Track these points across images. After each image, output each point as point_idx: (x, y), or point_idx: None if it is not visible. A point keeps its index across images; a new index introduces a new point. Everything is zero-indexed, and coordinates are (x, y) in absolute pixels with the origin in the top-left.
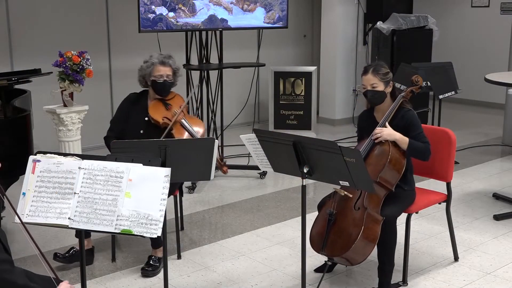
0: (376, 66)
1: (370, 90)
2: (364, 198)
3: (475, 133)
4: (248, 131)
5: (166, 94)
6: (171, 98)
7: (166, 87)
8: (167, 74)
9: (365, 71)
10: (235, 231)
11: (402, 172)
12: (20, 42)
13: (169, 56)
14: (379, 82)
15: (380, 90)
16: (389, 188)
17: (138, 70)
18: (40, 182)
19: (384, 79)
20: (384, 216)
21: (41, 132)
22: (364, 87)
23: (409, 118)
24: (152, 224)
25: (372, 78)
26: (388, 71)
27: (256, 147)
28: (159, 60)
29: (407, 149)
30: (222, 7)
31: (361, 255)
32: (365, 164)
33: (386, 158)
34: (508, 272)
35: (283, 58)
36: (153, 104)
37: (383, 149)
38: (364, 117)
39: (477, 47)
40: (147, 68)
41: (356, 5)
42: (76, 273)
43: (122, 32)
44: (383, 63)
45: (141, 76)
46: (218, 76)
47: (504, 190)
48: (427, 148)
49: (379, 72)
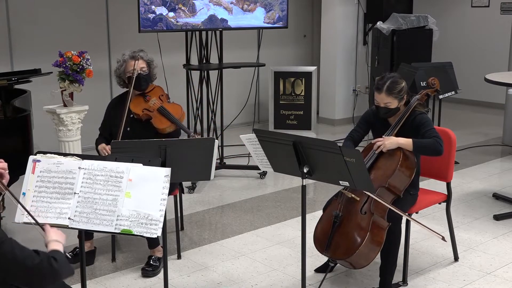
0: (390, 84)
1: (383, 107)
2: (371, 203)
3: (475, 133)
4: (248, 131)
5: (144, 87)
6: (150, 90)
7: (142, 80)
8: (141, 67)
9: (378, 89)
10: (235, 231)
11: (412, 178)
12: (20, 42)
13: (140, 50)
14: (393, 100)
15: (393, 107)
16: (397, 194)
17: (114, 72)
18: (40, 182)
19: (398, 96)
20: (390, 221)
21: (41, 132)
22: (377, 103)
23: (419, 120)
24: (152, 224)
25: (385, 97)
26: (402, 86)
27: (256, 147)
28: (129, 56)
29: (413, 149)
30: (222, 7)
31: (365, 259)
32: (375, 168)
33: (397, 163)
34: (508, 272)
35: (283, 58)
36: (133, 100)
37: (394, 153)
38: (376, 115)
39: (477, 47)
40: (120, 67)
41: (356, 5)
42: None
43: (122, 32)
44: (397, 78)
45: (118, 77)
46: (218, 76)
47: (504, 190)
48: (435, 142)
49: (393, 91)
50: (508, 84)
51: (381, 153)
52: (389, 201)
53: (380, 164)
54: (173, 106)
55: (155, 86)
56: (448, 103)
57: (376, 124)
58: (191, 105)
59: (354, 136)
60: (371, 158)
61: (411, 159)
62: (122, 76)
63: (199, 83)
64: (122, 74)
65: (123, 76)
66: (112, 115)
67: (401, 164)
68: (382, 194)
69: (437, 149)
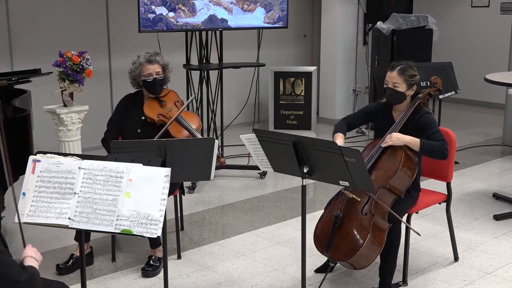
0: (404, 65)
1: (391, 88)
2: (372, 204)
3: (475, 133)
4: (248, 131)
5: (159, 92)
6: (165, 95)
7: (157, 85)
8: (156, 71)
9: (392, 68)
10: (235, 231)
11: (413, 178)
12: (20, 42)
13: (155, 53)
14: (402, 83)
15: (400, 91)
16: (398, 194)
17: (128, 72)
18: (40, 182)
19: (408, 81)
20: (390, 222)
21: (41, 132)
22: (386, 83)
23: (424, 120)
24: (152, 224)
25: (396, 76)
26: (415, 74)
27: (256, 147)
28: (145, 59)
29: (419, 150)
30: (222, 7)
31: (366, 260)
32: (376, 168)
33: (398, 164)
34: (508, 272)
35: (283, 58)
36: (148, 103)
37: (395, 154)
38: (381, 110)
39: (477, 47)
40: (136, 69)
41: (356, 5)
42: (76, 273)
43: (122, 32)
44: (413, 65)
45: (132, 78)
46: (218, 76)
47: (504, 190)
48: (442, 146)
49: (405, 73)
50: (508, 84)
51: (382, 153)
52: (390, 201)
53: (381, 165)
54: (190, 116)
55: (170, 91)
56: (448, 103)
57: (379, 118)
58: (191, 105)
59: (351, 121)
60: (372, 158)
61: (413, 160)
62: (137, 78)
63: (199, 83)
64: (137, 77)
65: (138, 79)
66: (124, 113)
67: (403, 165)
68: (383, 195)
69: (443, 153)
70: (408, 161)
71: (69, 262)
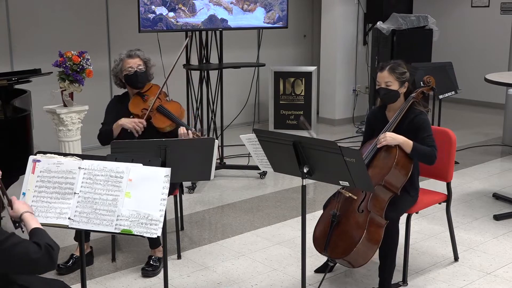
0: (393, 64)
1: (384, 88)
2: (368, 201)
3: (475, 133)
4: (248, 131)
5: (141, 86)
6: (148, 89)
7: (139, 78)
8: (137, 64)
9: (382, 68)
10: (235, 231)
11: (408, 175)
12: (20, 42)
13: (136, 49)
14: (394, 81)
15: (393, 89)
16: (394, 191)
17: (111, 71)
18: (40, 182)
19: (399, 78)
20: (388, 220)
21: (41, 132)
22: (379, 84)
23: (419, 121)
24: (152, 224)
25: (387, 76)
26: (405, 71)
27: (256, 147)
28: (126, 54)
29: (410, 153)
30: (222, 7)
31: (363, 258)
32: (371, 166)
33: (392, 161)
34: (508, 272)
35: (283, 58)
36: (132, 101)
37: (390, 151)
38: (375, 114)
39: (477, 47)
40: (117, 66)
41: (356, 5)
42: (76, 273)
43: (122, 32)
44: (402, 63)
45: (115, 77)
46: (218, 76)
47: (504, 190)
48: (432, 153)
49: (396, 71)
50: (508, 84)
51: (377, 152)
52: (387, 199)
53: (376, 163)
54: (172, 104)
55: (152, 85)
56: (448, 103)
57: (376, 122)
58: (191, 105)
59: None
60: (368, 157)
61: (407, 156)
62: (119, 75)
63: (199, 83)
64: (119, 73)
65: (120, 75)
66: (114, 112)
67: (397, 162)
68: (379, 192)
69: (432, 160)
70: (402, 158)
71: (69, 262)
